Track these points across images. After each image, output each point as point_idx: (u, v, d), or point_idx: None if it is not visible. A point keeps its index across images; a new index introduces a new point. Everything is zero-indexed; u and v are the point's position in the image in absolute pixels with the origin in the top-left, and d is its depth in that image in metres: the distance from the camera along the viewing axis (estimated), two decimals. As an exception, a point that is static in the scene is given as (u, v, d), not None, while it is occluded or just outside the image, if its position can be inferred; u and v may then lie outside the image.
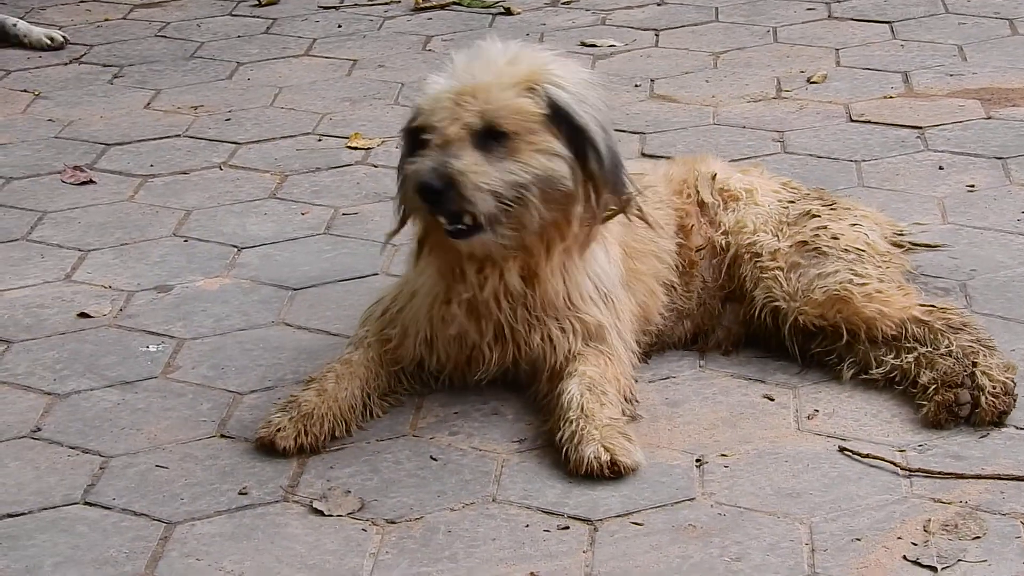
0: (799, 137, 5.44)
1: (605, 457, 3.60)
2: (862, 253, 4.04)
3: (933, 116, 5.56)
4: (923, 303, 4.00)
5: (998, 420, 3.75)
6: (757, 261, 4.06)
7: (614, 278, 3.94)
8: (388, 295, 4.03)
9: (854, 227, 4.10)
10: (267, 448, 3.71)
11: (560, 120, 3.70)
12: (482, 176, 3.62)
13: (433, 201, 3.63)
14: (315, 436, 3.72)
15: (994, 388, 3.76)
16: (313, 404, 3.75)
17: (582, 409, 3.70)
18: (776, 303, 4.01)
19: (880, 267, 4.03)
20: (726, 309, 4.14)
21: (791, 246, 4.05)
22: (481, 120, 3.65)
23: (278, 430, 3.71)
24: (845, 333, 3.95)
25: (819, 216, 4.11)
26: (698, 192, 4.19)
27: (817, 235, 4.05)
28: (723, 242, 4.13)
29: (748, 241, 4.09)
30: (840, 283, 3.96)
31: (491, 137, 3.66)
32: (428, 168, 3.62)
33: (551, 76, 3.73)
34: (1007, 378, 3.80)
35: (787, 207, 4.15)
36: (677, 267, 4.11)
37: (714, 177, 4.21)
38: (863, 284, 3.96)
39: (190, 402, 3.98)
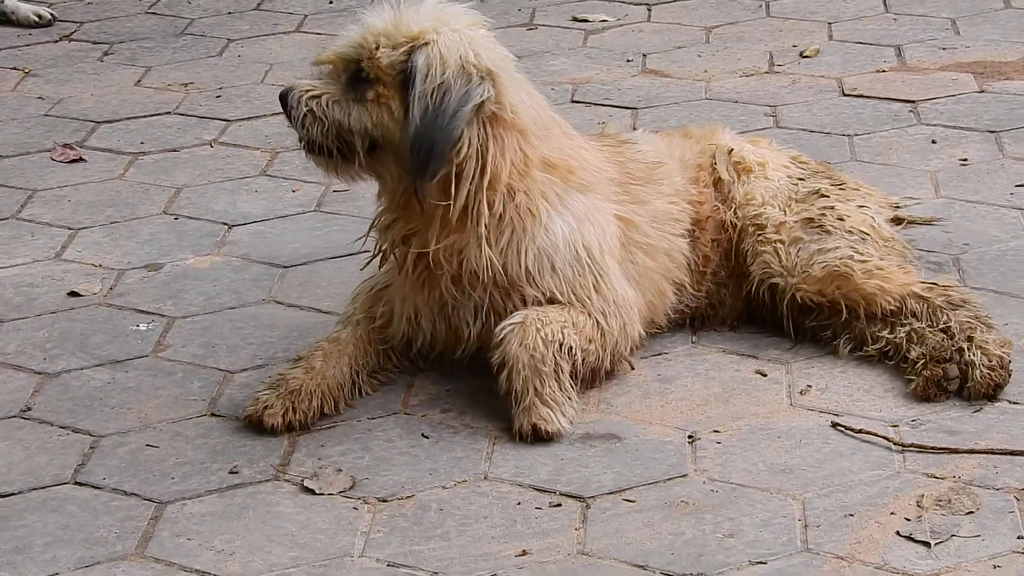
0: (792, 111, 5.42)
1: (527, 427, 3.62)
2: (866, 236, 4.02)
3: (926, 90, 5.55)
4: (924, 280, 3.98)
5: (992, 393, 3.75)
6: (760, 233, 4.03)
7: (593, 251, 3.83)
8: (377, 273, 4.01)
9: (861, 208, 4.08)
10: (255, 426, 3.70)
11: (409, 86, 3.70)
12: (313, 98, 3.76)
13: (282, 106, 3.82)
14: (303, 413, 3.71)
15: (989, 362, 3.76)
16: (301, 382, 3.73)
17: (509, 371, 3.68)
18: (774, 279, 3.99)
19: (882, 250, 4.02)
20: (729, 287, 4.11)
21: (796, 221, 4.03)
22: (354, 59, 3.73)
23: (266, 407, 3.70)
24: (844, 310, 3.93)
25: (828, 196, 4.08)
26: (715, 171, 4.14)
27: (824, 214, 4.03)
28: (732, 220, 4.09)
29: (754, 213, 4.05)
30: (840, 259, 3.95)
31: (360, 79, 3.73)
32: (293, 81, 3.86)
33: (434, 42, 3.69)
34: (1003, 353, 3.79)
35: (796, 184, 4.12)
36: (689, 265, 4.06)
37: (730, 152, 4.16)
38: (863, 261, 3.95)
39: (180, 381, 3.97)
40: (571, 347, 3.73)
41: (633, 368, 3.90)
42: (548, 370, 3.69)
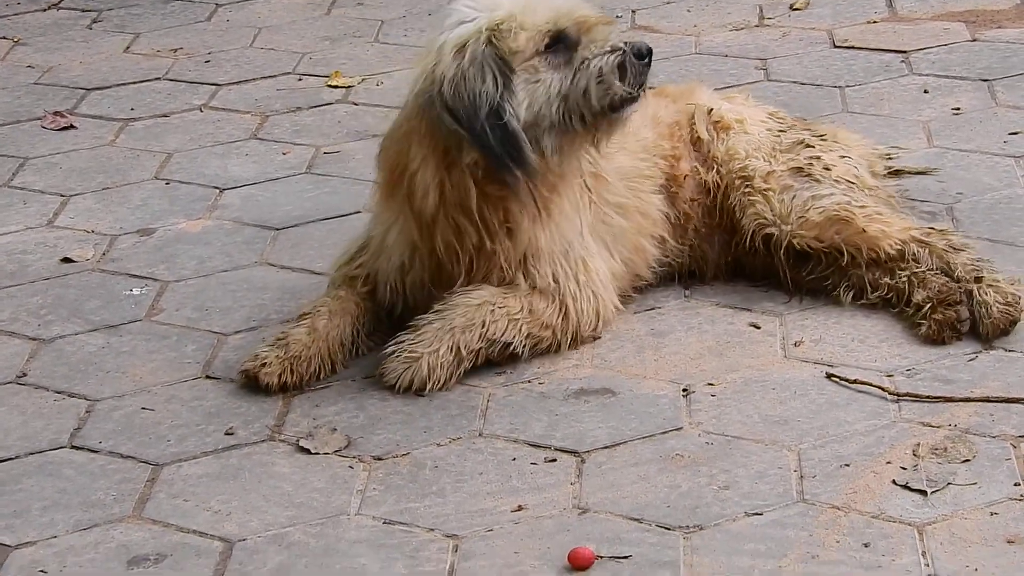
0: (782, 64, 5.40)
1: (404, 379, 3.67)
2: (852, 184, 4.01)
3: (917, 40, 5.53)
4: (920, 227, 3.98)
5: (1008, 330, 3.76)
6: (748, 185, 4.01)
7: (579, 234, 3.84)
8: (358, 241, 3.97)
9: (843, 159, 4.08)
10: (251, 381, 3.70)
11: None
12: None
13: (648, 62, 3.69)
14: (300, 375, 3.71)
15: (1004, 300, 3.76)
16: (303, 344, 3.73)
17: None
18: (768, 229, 3.97)
19: (870, 199, 4.01)
20: (715, 243, 4.10)
21: (785, 170, 4.01)
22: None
23: (263, 364, 3.69)
24: (845, 254, 3.92)
25: (812, 147, 4.07)
26: (693, 130, 4.12)
27: (811, 163, 4.02)
28: (715, 179, 4.07)
29: (740, 167, 4.04)
30: (839, 204, 3.93)
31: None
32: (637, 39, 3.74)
33: None
34: (1015, 290, 3.80)
35: (778, 136, 4.11)
36: (669, 219, 4.04)
37: (710, 112, 4.14)
38: (862, 206, 3.94)
39: (175, 344, 3.97)
40: (497, 339, 3.72)
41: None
42: (453, 343, 3.68)
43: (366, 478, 3.41)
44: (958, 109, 4.98)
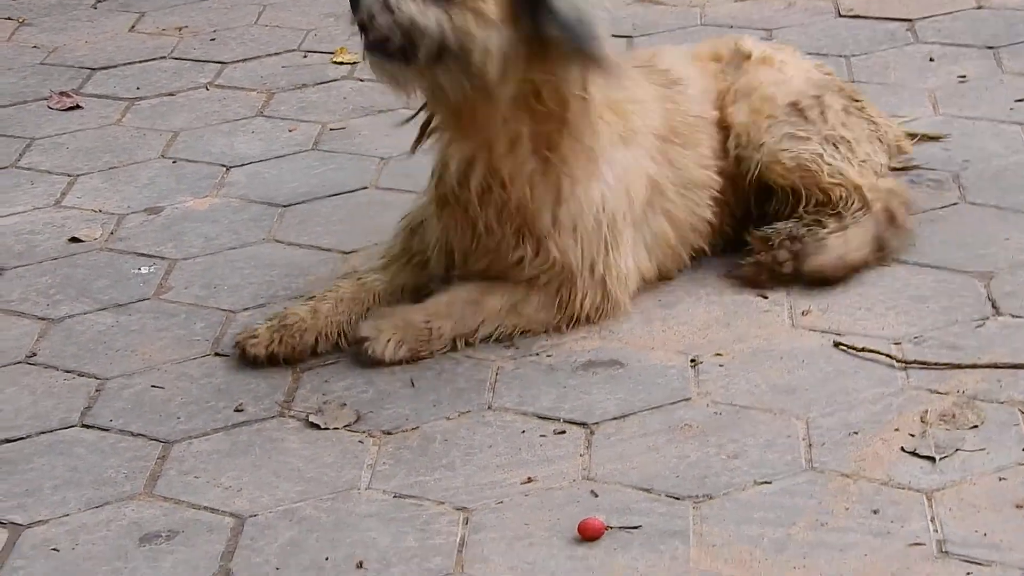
0: (788, 34, 5.40)
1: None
2: (849, 144, 3.99)
3: (923, 8, 5.51)
4: (888, 187, 3.98)
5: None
6: (745, 102, 3.98)
7: (616, 221, 3.76)
8: (413, 210, 3.97)
9: (869, 136, 4.05)
10: (241, 356, 3.71)
11: None
12: None
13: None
14: (291, 347, 3.69)
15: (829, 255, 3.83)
16: (298, 318, 3.73)
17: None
18: (743, 152, 3.95)
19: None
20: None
21: (788, 104, 3.99)
22: None
23: (252, 336, 3.69)
24: (803, 199, 3.94)
25: (838, 109, 4.03)
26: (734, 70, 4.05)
27: (823, 114, 3.99)
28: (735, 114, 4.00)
29: (756, 95, 3.99)
30: (812, 152, 3.93)
31: None
32: None
33: None
34: (840, 262, 3.84)
35: (816, 93, 4.04)
36: (712, 229, 3.99)
37: (748, 57, 4.08)
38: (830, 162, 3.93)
39: (183, 322, 3.98)
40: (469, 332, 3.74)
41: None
42: (421, 326, 3.70)
43: (376, 452, 3.42)
44: (964, 77, 4.97)
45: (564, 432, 3.45)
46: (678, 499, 3.21)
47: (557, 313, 3.78)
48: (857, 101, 4.14)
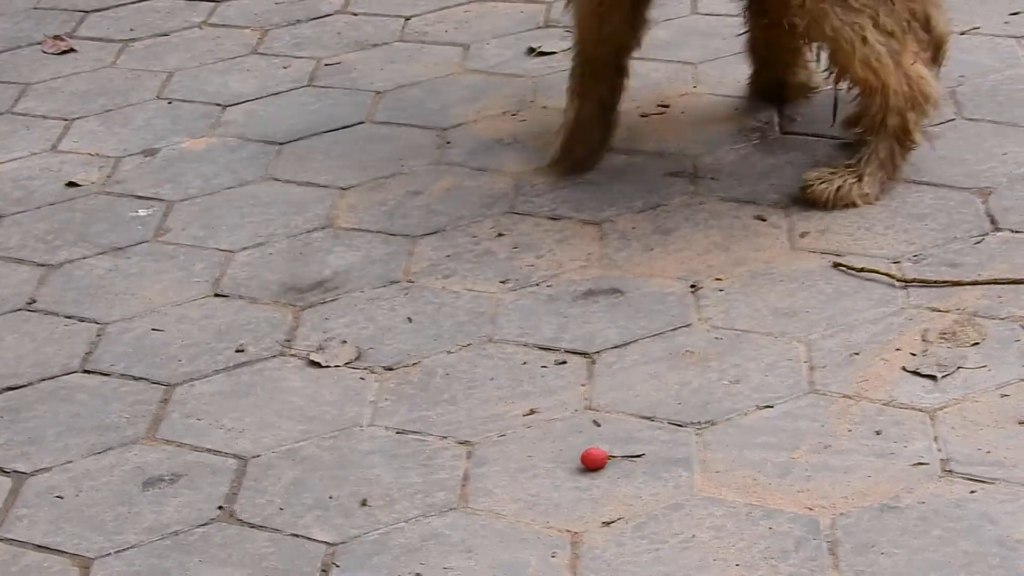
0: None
1: None
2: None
3: (918, -78, 5.45)
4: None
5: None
6: None
7: None
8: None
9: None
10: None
11: None
12: None
13: None
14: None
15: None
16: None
17: None
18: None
19: None
20: None
21: None
22: None
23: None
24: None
25: None
26: None
27: None
28: None
29: None
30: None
31: None
32: None
33: None
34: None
35: None
36: None
37: None
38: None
39: (183, 263, 3.97)
40: None
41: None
42: None
43: (377, 389, 3.42)
44: (960, -10, 4.93)
45: (565, 362, 3.45)
46: (681, 426, 3.22)
47: None
48: None
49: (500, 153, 4.32)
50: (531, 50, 4.88)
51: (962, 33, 4.63)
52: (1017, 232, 3.72)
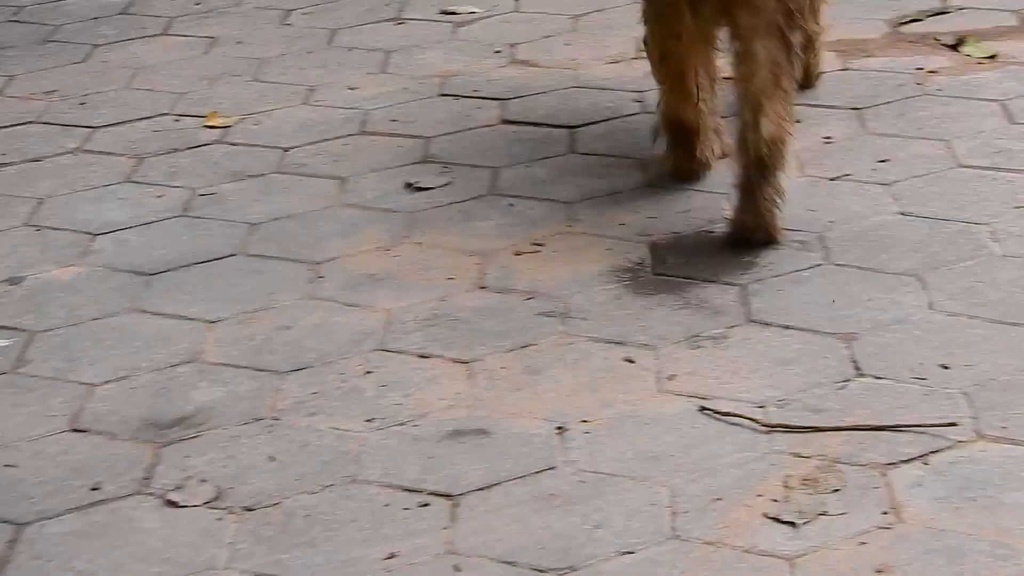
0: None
1: None
2: None
3: (791, 68, 5.55)
4: None
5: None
6: None
7: None
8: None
9: None
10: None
11: None
12: None
13: None
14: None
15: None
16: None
17: None
18: None
19: None
20: None
21: None
22: None
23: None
24: None
25: None
26: None
27: None
28: None
29: None
30: None
31: None
32: None
33: None
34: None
35: None
36: None
37: None
38: None
39: (41, 396, 3.90)
40: None
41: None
42: None
43: (236, 530, 3.36)
44: (829, 138, 5.01)
45: (428, 504, 3.41)
46: (542, 572, 3.19)
47: None
48: None
49: (372, 289, 4.31)
50: (408, 185, 4.89)
51: (832, 179, 4.72)
52: (880, 378, 3.75)
